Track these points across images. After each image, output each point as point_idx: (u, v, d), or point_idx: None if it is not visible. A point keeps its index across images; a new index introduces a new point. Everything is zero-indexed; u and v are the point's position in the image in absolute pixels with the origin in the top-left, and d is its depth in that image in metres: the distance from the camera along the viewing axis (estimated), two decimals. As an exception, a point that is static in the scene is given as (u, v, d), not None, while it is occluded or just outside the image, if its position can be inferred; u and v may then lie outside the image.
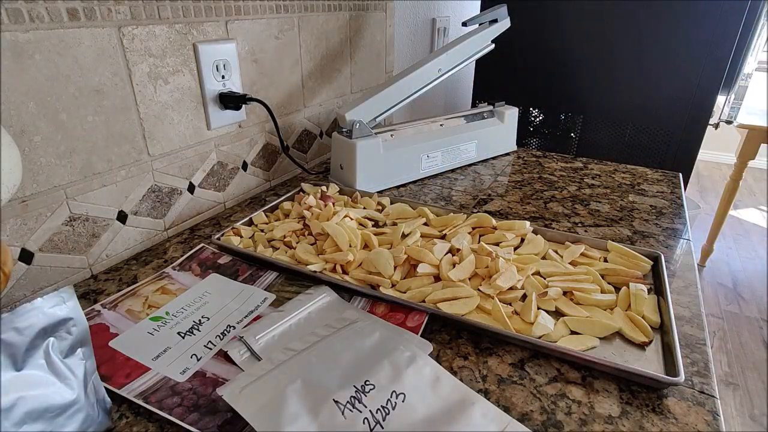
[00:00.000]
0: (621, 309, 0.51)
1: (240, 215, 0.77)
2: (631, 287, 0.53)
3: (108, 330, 0.49)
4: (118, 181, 0.60)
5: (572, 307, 0.51)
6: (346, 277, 0.57)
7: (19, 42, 0.48)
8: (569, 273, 0.56)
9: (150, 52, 0.61)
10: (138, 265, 0.63)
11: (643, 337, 0.47)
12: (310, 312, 0.51)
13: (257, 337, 0.46)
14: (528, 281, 0.54)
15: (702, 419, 0.39)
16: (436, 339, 0.49)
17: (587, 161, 1.02)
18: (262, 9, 0.77)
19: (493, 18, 0.92)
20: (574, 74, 1.40)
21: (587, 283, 0.55)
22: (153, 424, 0.39)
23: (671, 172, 0.96)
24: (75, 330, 0.35)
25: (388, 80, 0.86)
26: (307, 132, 0.96)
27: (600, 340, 0.48)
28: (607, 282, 0.56)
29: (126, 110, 0.60)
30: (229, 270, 0.60)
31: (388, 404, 0.38)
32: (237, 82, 0.74)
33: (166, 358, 0.45)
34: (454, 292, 0.52)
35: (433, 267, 0.57)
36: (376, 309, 0.52)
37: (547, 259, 0.61)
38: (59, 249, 0.56)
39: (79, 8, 0.52)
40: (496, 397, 0.42)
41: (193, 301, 0.54)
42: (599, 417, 0.40)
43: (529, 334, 0.47)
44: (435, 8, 1.41)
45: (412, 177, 0.90)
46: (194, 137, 0.70)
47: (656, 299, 0.52)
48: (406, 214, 0.71)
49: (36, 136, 0.51)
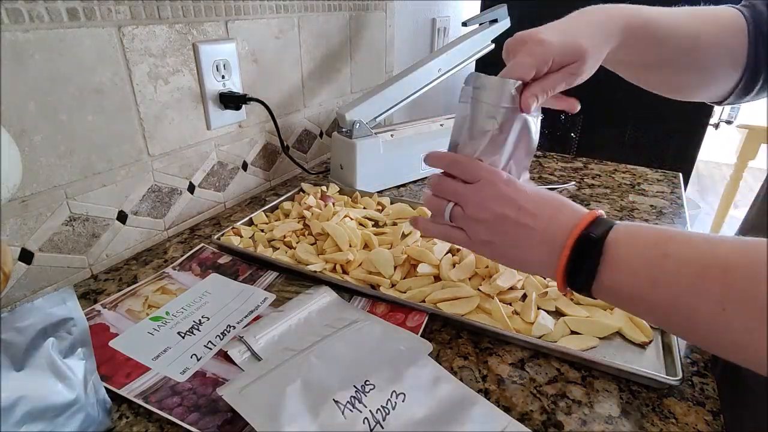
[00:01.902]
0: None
1: (240, 215, 0.77)
2: None
3: (108, 330, 0.49)
4: (118, 180, 0.60)
5: (572, 307, 0.51)
6: (346, 277, 0.57)
7: (19, 42, 0.48)
8: None
9: (150, 52, 0.61)
10: (138, 265, 0.63)
11: (643, 336, 0.47)
12: (310, 312, 0.51)
13: (257, 337, 0.46)
14: (528, 281, 0.54)
15: (702, 419, 0.39)
16: (436, 339, 0.49)
17: (587, 161, 1.02)
18: (262, 9, 0.77)
19: (493, 18, 0.92)
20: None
21: None
22: (153, 424, 0.39)
23: (671, 172, 0.96)
24: (75, 330, 0.35)
25: (388, 80, 0.86)
26: (307, 132, 0.96)
27: (600, 340, 0.48)
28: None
29: (126, 110, 0.60)
30: (230, 270, 0.60)
31: (388, 404, 0.38)
32: (237, 82, 0.74)
33: (166, 358, 0.45)
34: (454, 292, 0.53)
35: (433, 267, 0.57)
36: (376, 309, 0.52)
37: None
38: (59, 249, 0.56)
39: (79, 8, 0.52)
40: (496, 396, 0.42)
41: (193, 301, 0.54)
42: (599, 417, 0.40)
43: (530, 334, 0.47)
44: (435, 8, 1.41)
45: (412, 177, 0.90)
46: (194, 137, 0.70)
47: None
48: (406, 214, 0.71)
49: (36, 136, 0.51)
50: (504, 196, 0.39)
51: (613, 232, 0.35)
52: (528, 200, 0.39)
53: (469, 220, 0.41)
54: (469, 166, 0.42)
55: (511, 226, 0.39)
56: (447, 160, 0.44)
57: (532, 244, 0.38)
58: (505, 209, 0.39)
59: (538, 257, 0.38)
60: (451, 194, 0.42)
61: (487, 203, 0.40)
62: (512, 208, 0.39)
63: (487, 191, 0.40)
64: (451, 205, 0.42)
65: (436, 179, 0.44)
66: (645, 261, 0.33)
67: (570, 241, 0.36)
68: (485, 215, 0.40)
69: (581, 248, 0.35)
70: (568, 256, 0.36)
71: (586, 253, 0.35)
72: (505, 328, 0.48)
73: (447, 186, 0.43)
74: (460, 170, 0.42)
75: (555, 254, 0.37)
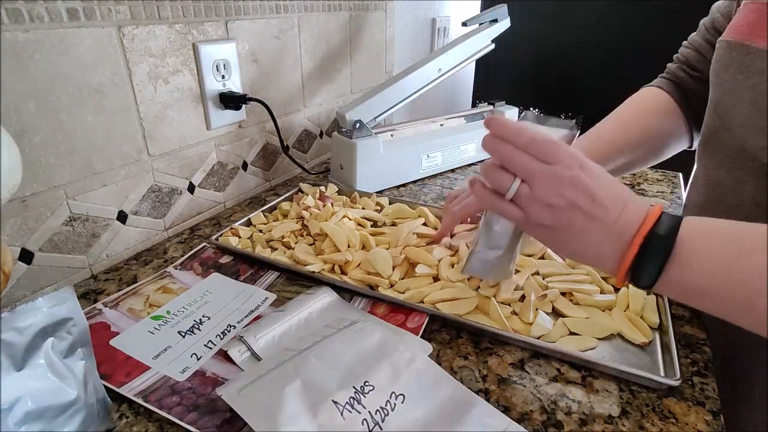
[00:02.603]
0: (620, 309, 0.51)
1: (240, 215, 0.77)
2: (631, 288, 0.53)
3: (109, 328, 0.49)
4: (118, 180, 0.60)
5: (571, 308, 0.51)
6: (345, 277, 0.57)
7: (19, 42, 0.48)
8: (569, 273, 0.56)
9: (150, 52, 0.61)
10: (138, 264, 0.63)
11: (643, 337, 0.47)
12: (310, 312, 0.51)
13: (257, 337, 0.46)
14: (527, 283, 0.54)
15: (702, 419, 0.39)
16: (436, 339, 0.49)
17: (587, 161, 1.02)
18: (262, 9, 0.77)
19: (493, 18, 0.92)
20: (574, 74, 1.40)
21: (587, 284, 0.55)
22: (153, 424, 0.39)
23: (671, 172, 0.96)
24: (75, 330, 0.35)
25: (388, 80, 0.86)
26: (307, 132, 0.96)
27: (600, 340, 0.48)
28: (607, 282, 0.56)
29: (126, 110, 0.60)
30: (231, 269, 0.60)
31: (387, 405, 0.38)
32: (237, 82, 0.74)
33: (167, 357, 0.45)
34: (453, 292, 0.52)
35: (431, 268, 0.57)
36: (377, 310, 0.52)
37: (545, 258, 0.61)
38: (59, 249, 0.56)
39: (79, 8, 0.52)
40: (496, 396, 0.42)
41: (194, 300, 0.54)
42: (599, 417, 0.40)
43: (528, 335, 0.47)
44: (435, 8, 1.41)
45: (412, 177, 0.90)
46: (194, 137, 0.70)
47: (656, 299, 0.52)
48: (405, 215, 0.71)
49: (36, 136, 0.51)
50: (580, 184, 0.36)
51: (683, 228, 0.34)
52: (603, 191, 0.37)
53: (536, 202, 0.38)
54: (550, 146, 0.38)
55: (580, 216, 0.37)
56: (526, 137, 0.38)
57: (598, 238, 0.37)
58: (579, 198, 0.36)
59: (599, 250, 0.37)
60: (523, 171, 0.38)
61: (562, 188, 0.37)
62: (587, 198, 0.36)
63: (565, 175, 0.37)
64: (519, 182, 0.39)
65: (506, 150, 0.39)
66: (720, 259, 0.33)
67: (638, 239, 0.35)
68: (557, 201, 0.37)
69: (650, 245, 0.35)
70: (636, 253, 0.35)
71: (654, 250, 0.34)
72: (503, 329, 0.48)
73: (521, 161, 0.38)
74: (539, 149, 0.38)
75: (621, 249, 0.36)
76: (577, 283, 0.55)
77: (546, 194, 0.37)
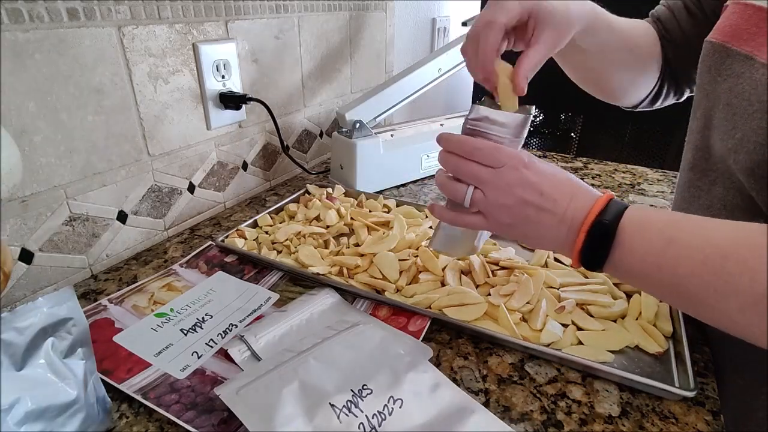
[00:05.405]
0: (632, 317, 0.50)
1: (240, 215, 0.77)
2: (643, 295, 0.52)
3: (113, 325, 0.50)
4: (118, 180, 0.60)
5: (587, 320, 0.49)
6: (351, 281, 0.56)
7: (19, 42, 0.48)
8: (583, 283, 0.55)
9: (150, 52, 0.61)
10: (138, 264, 0.63)
11: (657, 347, 0.46)
12: (312, 313, 0.51)
13: (258, 337, 0.46)
14: (542, 293, 0.52)
15: (702, 419, 0.39)
16: (436, 339, 0.49)
17: (587, 161, 1.02)
18: (262, 9, 0.77)
19: (493, 18, 0.92)
20: (574, 74, 1.40)
21: (602, 294, 0.53)
22: (153, 424, 0.39)
23: (671, 172, 0.96)
24: (75, 330, 0.35)
25: (388, 80, 0.86)
26: (307, 132, 0.96)
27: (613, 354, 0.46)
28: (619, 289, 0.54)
29: (126, 110, 0.60)
30: (236, 268, 0.61)
31: (384, 409, 0.38)
32: (237, 82, 0.74)
33: (168, 354, 0.46)
34: (460, 298, 0.51)
35: (438, 275, 0.56)
36: (379, 312, 0.52)
37: (548, 265, 0.59)
38: (59, 249, 0.56)
39: (79, 8, 0.52)
40: (496, 396, 0.42)
41: (197, 298, 0.54)
42: (599, 417, 0.40)
43: (537, 342, 0.46)
44: (435, 8, 1.41)
45: (412, 177, 0.90)
46: (194, 137, 0.70)
47: (669, 307, 0.51)
48: (412, 216, 0.71)
49: (36, 136, 0.51)
50: (527, 182, 0.40)
51: (625, 217, 0.37)
52: (549, 184, 0.40)
53: (491, 205, 0.41)
54: (491, 151, 0.41)
55: (533, 210, 0.40)
56: (469, 146, 0.42)
57: (551, 227, 0.40)
58: (528, 195, 0.40)
59: (555, 237, 0.40)
60: (473, 177, 0.42)
61: (510, 189, 0.40)
62: (535, 193, 0.40)
63: (511, 176, 0.40)
64: (472, 189, 0.42)
65: (454, 161, 0.43)
66: (652, 247, 0.36)
67: (585, 226, 0.38)
68: (509, 200, 0.40)
69: (595, 232, 0.38)
70: (583, 240, 0.38)
71: (599, 237, 0.38)
72: (512, 336, 0.47)
73: (468, 169, 0.42)
74: (483, 156, 0.41)
75: (571, 237, 0.39)
76: (593, 293, 0.53)
77: (498, 196, 0.41)
